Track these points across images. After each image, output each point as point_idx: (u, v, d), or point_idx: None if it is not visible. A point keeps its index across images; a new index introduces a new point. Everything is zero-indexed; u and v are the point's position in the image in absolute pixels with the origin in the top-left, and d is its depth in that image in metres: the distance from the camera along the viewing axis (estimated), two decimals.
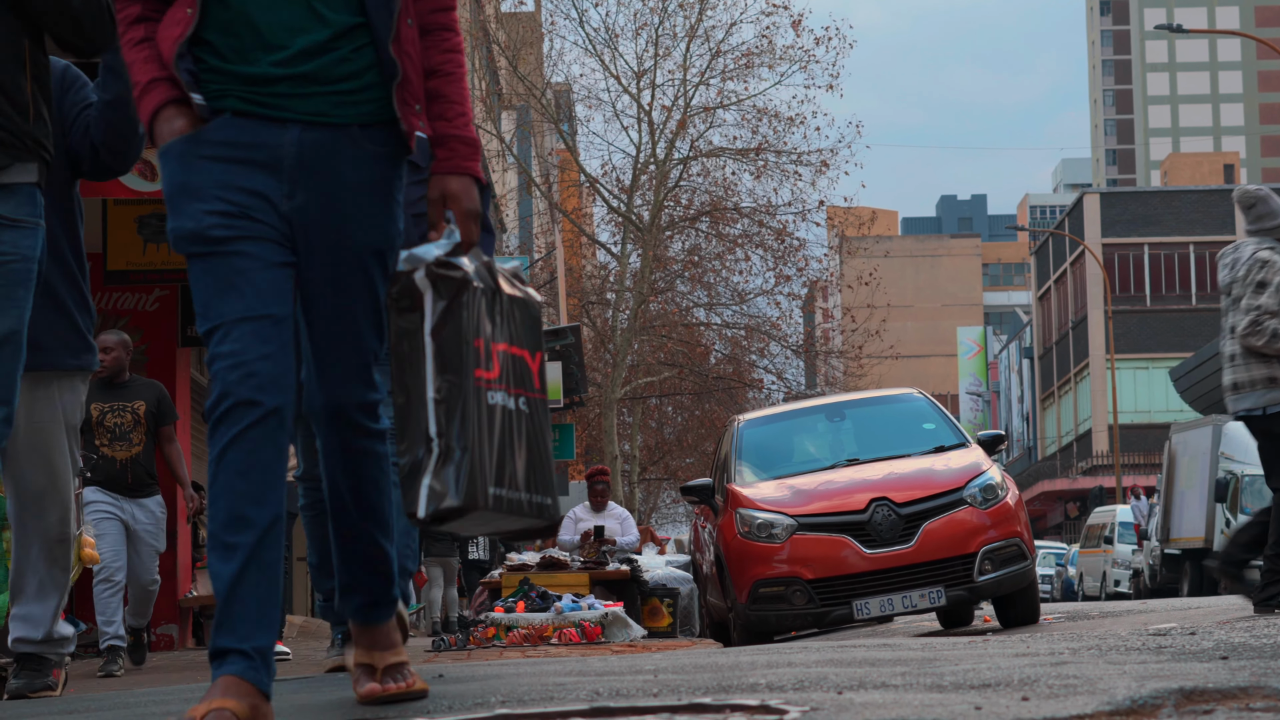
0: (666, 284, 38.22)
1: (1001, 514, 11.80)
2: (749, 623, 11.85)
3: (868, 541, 11.60)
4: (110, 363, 11.10)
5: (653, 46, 36.28)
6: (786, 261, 36.86)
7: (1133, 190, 75.31)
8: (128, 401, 11.22)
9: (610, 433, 36.16)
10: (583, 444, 42.53)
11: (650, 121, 36.38)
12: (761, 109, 36.33)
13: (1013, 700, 3.71)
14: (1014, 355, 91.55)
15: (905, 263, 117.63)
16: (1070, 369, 72.82)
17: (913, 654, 5.66)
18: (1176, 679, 3.97)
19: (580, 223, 41.67)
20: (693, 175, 37.08)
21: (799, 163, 36.09)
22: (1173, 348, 65.17)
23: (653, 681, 4.64)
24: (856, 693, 4.00)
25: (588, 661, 6.72)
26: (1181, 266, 68.05)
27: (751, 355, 39.80)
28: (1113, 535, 41.85)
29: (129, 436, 11.18)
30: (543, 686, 4.64)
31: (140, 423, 11.19)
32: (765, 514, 11.87)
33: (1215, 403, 43.47)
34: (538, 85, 37.60)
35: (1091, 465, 67.76)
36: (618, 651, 10.29)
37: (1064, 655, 5.25)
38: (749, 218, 36.76)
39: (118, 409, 11.21)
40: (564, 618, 13.53)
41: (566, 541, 16.66)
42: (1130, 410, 64.88)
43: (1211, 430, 31.91)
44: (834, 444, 13.36)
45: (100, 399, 11.20)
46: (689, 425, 45.23)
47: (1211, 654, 5.04)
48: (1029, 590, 12.03)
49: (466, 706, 4.17)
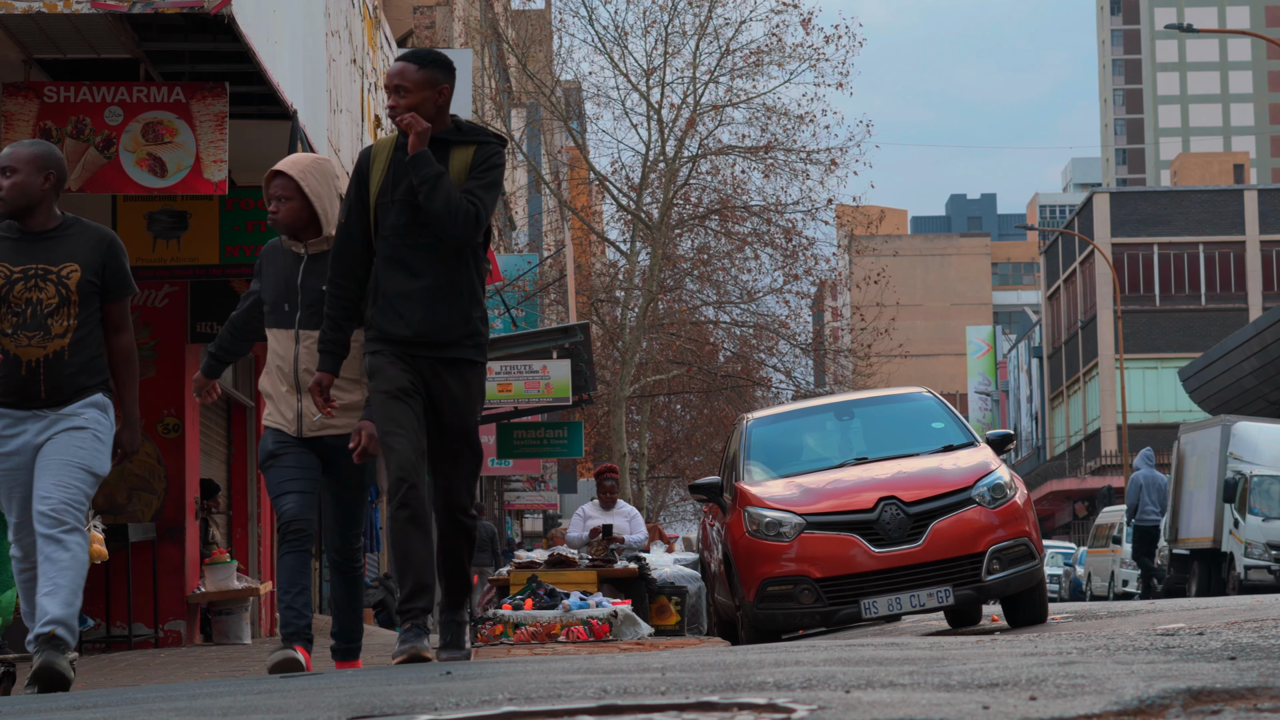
0: (675, 282, 38.21)
1: (1010, 513, 11.78)
2: (757, 621, 11.84)
3: (876, 540, 11.59)
4: (10, 192, 7.53)
5: (662, 44, 36.28)
6: (796, 259, 36.85)
7: (1142, 190, 75.21)
8: (52, 266, 7.55)
9: (619, 430, 36.15)
10: (591, 442, 42.52)
11: (660, 119, 36.38)
12: (771, 107, 36.32)
13: (1020, 699, 3.71)
14: (1023, 355, 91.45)
15: (914, 262, 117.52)
16: (1079, 369, 72.74)
17: (920, 653, 5.66)
18: (1184, 679, 3.97)
19: (589, 220, 41.67)
20: (702, 173, 37.08)
21: (808, 161, 36.08)
22: (1182, 348, 65.07)
23: (660, 680, 4.64)
24: (864, 691, 4.00)
25: (595, 659, 6.73)
26: (1191, 266, 67.95)
27: (760, 354, 39.79)
28: (1121, 535, 41.79)
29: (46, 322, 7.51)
30: (550, 684, 4.64)
31: (70, 299, 7.53)
32: (773, 512, 11.86)
33: (1224, 403, 43.42)
34: (547, 83, 37.60)
35: (1100, 465, 67.67)
36: (625, 649, 10.30)
37: (1072, 655, 5.25)
38: (758, 216, 36.75)
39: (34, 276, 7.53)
40: (572, 615, 13.53)
41: (575, 538, 16.67)
42: (1139, 410, 64.78)
43: (1220, 430, 31.85)
44: (842, 443, 13.34)
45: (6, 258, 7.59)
46: (697, 423, 45.23)
47: (1219, 654, 5.03)
48: (1037, 590, 12.01)
49: (474, 704, 4.18)
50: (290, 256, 8.35)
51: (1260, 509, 30.06)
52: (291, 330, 8.26)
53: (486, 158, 7.64)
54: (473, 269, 7.68)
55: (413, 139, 7.54)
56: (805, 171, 36.14)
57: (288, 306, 8.28)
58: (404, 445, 7.47)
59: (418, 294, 7.58)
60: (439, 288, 7.59)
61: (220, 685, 6.30)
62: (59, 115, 11.35)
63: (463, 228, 7.48)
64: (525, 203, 50.68)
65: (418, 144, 7.53)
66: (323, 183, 8.29)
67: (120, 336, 7.67)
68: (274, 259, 8.43)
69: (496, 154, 7.68)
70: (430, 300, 7.57)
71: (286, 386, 8.31)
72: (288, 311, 8.28)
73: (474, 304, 7.68)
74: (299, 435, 8.27)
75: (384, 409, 7.54)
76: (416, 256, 7.58)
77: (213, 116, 11.23)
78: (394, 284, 7.59)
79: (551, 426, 34.81)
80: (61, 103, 11.36)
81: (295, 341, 8.24)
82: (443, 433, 7.69)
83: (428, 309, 7.57)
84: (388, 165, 7.67)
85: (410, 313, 7.56)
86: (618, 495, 17.49)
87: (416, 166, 7.51)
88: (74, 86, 11.44)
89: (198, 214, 13.77)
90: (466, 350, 7.67)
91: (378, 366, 7.61)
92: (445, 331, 7.61)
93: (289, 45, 11.92)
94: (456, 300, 7.62)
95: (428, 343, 7.60)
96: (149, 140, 11.35)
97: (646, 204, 36.56)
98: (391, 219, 7.60)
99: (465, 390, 7.68)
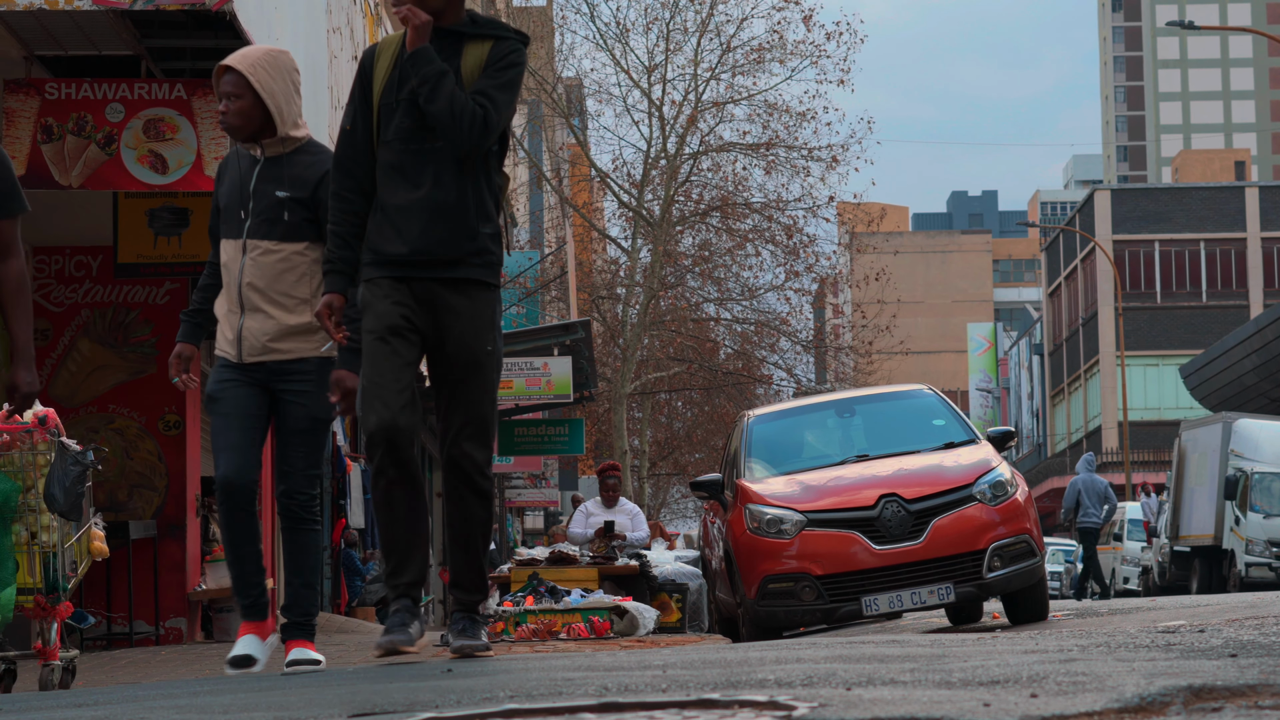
0: (677, 279, 38.22)
1: (1011, 511, 11.78)
2: (758, 618, 11.85)
3: (877, 538, 11.59)
4: None
5: (664, 41, 36.28)
6: (797, 256, 36.85)
7: (1144, 187, 75.21)
8: None
9: (620, 428, 36.16)
10: (592, 439, 42.54)
11: (661, 116, 36.38)
12: (772, 104, 36.33)
13: (1021, 697, 3.71)
14: (1024, 351, 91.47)
15: (916, 258, 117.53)
16: (1080, 365, 72.76)
17: (921, 650, 5.66)
18: (1185, 676, 3.97)
19: (591, 217, 41.69)
20: (703, 170, 37.10)
21: (809, 158, 36.08)
22: (1183, 344, 65.10)
23: (661, 677, 4.64)
24: (865, 689, 4.00)
25: (596, 656, 6.73)
26: (1192, 263, 67.97)
27: (761, 351, 39.79)
28: (1122, 532, 41.81)
29: None
30: (551, 681, 4.64)
31: None
32: (774, 509, 11.86)
33: (1225, 400, 43.45)
34: (549, 79, 37.61)
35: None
36: (626, 646, 10.30)
37: (1073, 652, 5.25)
38: (759, 213, 36.75)
39: None
40: (572, 612, 13.53)
41: (577, 535, 16.67)
42: (1140, 407, 64.81)
43: (1221, 427, 31.87)
44: (844, 440, 13.33)
45: None
46: (699, 420, 45.23)
47: (1220, 651, 5.03)
48: (1038, 587, 12.01)
49: (475, 701, 4.18)
50: (246, 161, 7.65)
51: (1261, 506, 30.08)
52: (239, 240, 7.54)
53: (503, 55, 6.86)
54: (483, 180, 6.88)
55: (411, 33, 6.81)
56: (806, 168, 36.18)
57: (242, 214, 7.57)
58: (385, 403, 6.64)
59: (418, 206, 6.78)
60: (442, 200, 6.78)
61: (221, 683, 6.30)
62: (60, 112, 11.35)
63: (469, 133, 6.70)
64: (526, 199, 50.68)
65: (417, 39, 6.78)
66: (276, 78, 7.56)
67: (8, 263, 6.81)
68: (231, 165, 7.76)
69: (515, 51, 6.91)
70: (431, 213, 6.79)
71: (230, 304, 7.59)
72: (240, 219, 7.57)
73: (483, 219, 6.85)
74: (239, 360, 7.52)
75: (368, 358, 6.75)
76: (418, 165, 6.81)
77: (214, 113, 11.22)
78: (393, 196, 6.83)
79: (553, 424, 34.83)
80: (63, 99, 11.37)
81: (242, 252, 7.51)
82: (448, 366, 6.86)
83: (428, 223, 6.78)
84: (393, 63, 6.91)
85: (408, 227, 6.78)
86: (620, 493, 17.50)
87: (416, 64, 6.76)
88: (75, 83, 11.44)
89: (199, 211, 13.76)
90: (474, 269, 6.83)
91: (367, 301, 6.82)
92: (448, 248, 6.78)
93: (290, 42, 11.92)
94: (462, 213, 6.80)
95: (427, 261, 6.79)
96: (150, 137, 11.36)
97: (648, 201, 36.57)
98: (395, 122, 6.85)
99: (473, 313, 6.83)
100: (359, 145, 6.92)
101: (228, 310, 7.56)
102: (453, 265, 6.79)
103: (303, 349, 7.48)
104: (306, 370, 7.48)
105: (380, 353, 6.69)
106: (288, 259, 7.49)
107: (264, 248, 7.44)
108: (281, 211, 7.48)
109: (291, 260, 7.50)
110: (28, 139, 11.37)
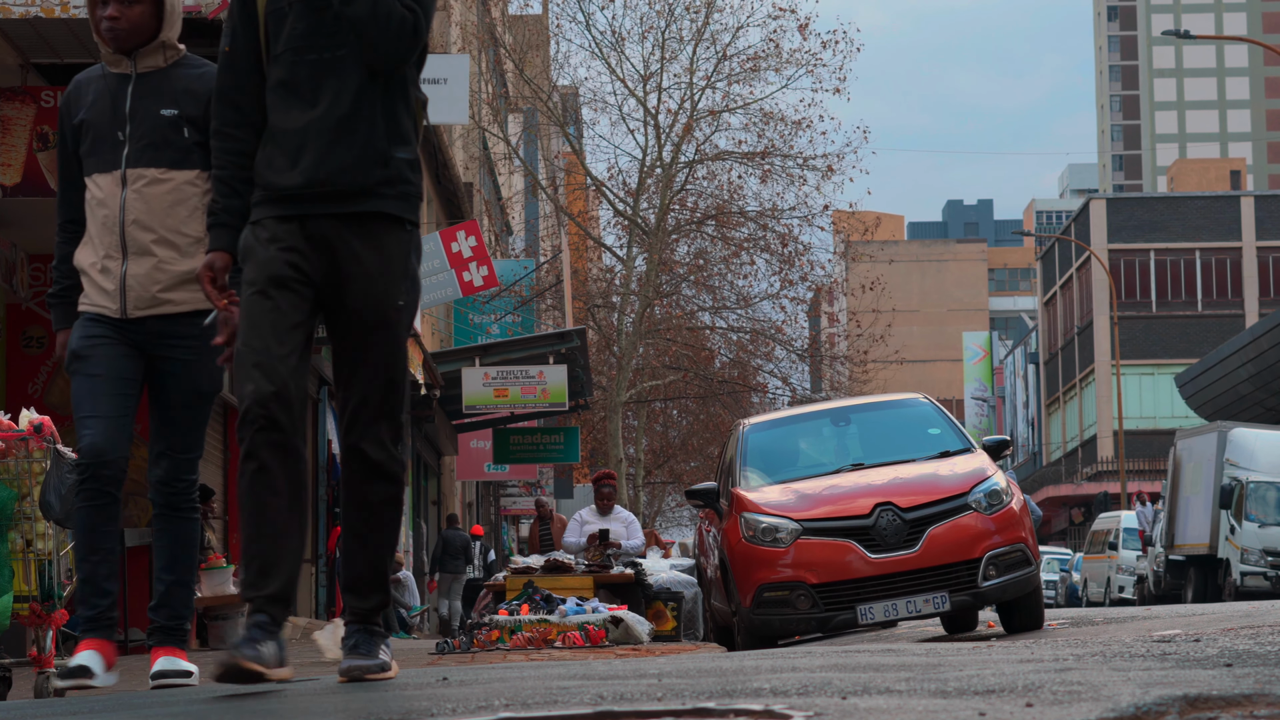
0: (672, 287, 38.21)
1: (1006, 519, 11.79)
2: (753, 627, 11.85)
3: (872, 546, 11.59)
4: None
5: (659, 50, 36.28)
6: (792, 265, 36.86)
7: (1139, 196, 75.27)
8: None
9: (615, 436, 36.16)
10: (587, 447, 42.53)
11: (656, 125, 36.38)
12: (768, 112, 36.33)
13: (1017, 706, 3.70)
14: (1019, 360, 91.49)
15: (911, 267, 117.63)
16: (1075, 374, 72.79)
17: (917, 659, 5.65)
18: (1181, 686, 3.97)
19: (586, 226, 41.69)
20: (698, 179, 37.10)
21: (805, 167, 36.09)
22: (1178, 354, 65.16)
23: (656, 685, 4.63)
24: (860, 698, 4.00)
25: (591, 665, 6.72)
26: (1188, 272, 68.03)
27: (757, 359, 39.80)
28: (1117, 541, 41.84)
29: None
30: (546, 690, 4.64)
31: None
32: (770, 518, 11.86)
33: (1221, 409, 43.49)
34: (544, 88, 37.62)
35: (1096, 471, 67.71)
36: (621, 655, 10.29)
37: (1068, 661, 5.25)
38: (755, 222, 36.76)
39: None
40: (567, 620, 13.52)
41: (572, 544, 16.67)
42: (1135, 416, 64.83)
43: (1216, 436, 31.89)
44: (839, 448, 13.35)
45: None
46: (694, 429, 45.22)
47: (1216, 661, 5.03)
48: (1033, 596, 12.02)
49: (470, 709, 4.17)
50: (114, 78, 6.57)
51: (1256, 515, 30.09)
52: (117, 172, 6.49)
53: None
54: (398, 96, 5.58)
55: None
56: (802, 177, 36.16)
57: (120, 136, 6.50)
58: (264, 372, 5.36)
59: (315, 127, 5.47)
60: (346, 118, 5.48)
61: (216, 690, 6.29)
62: (56, 120, 11.36)
63: (396, 41, 5.45)
64: (522, 208, 50.68)
65: None
66: None
67: None
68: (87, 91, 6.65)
69: None
70: (332, 135, 5.47)
71: (107, 249, 6.49)
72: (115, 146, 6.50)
73: (397, 141, 5.55)
74: (123, 315, 6.47)
75: (246, 316, 5.45)
76: (316, 78, 5.48)
77: None
78: (284, 118, 5.51)
79: (548, 432, 34.85)
80: (58, 107, 11.37)
81: (122, 184, 6.47)
82: (349, 325, 5.55)
83: (328, 146, 5.46)
84: None
85: (303, 153, 5.47)
86: (615, 501, 17.49)
87: None
88: None
89: None
90: (384, 201, 5.51)
91: (248, 246, 5.52)
92: (350, 176, 5.46)
93: None
94: (369, 133, 5.49)
95: (324, 194, 5.47)
96: None
97: (643, 209, 36.57)
98: (287, 29, 5.50)
99: (381, 258, 5.51)
100: (241, 69, 5.61)
101: (103, 257, 6.49)
102: (358, 197, 5.49)
103: (198, 299, 6.44)
104: (193, 335, 6.46)
105: (260, 309, 5.42)
106: (178, 189, 6.47)
107: (150, 176, 6.45)
108: (169, 132, 6.47)
109: (183, 191, 6.49)
110: (23, 146, 11.38)
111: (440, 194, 31.99)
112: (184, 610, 6.49)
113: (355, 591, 5.61)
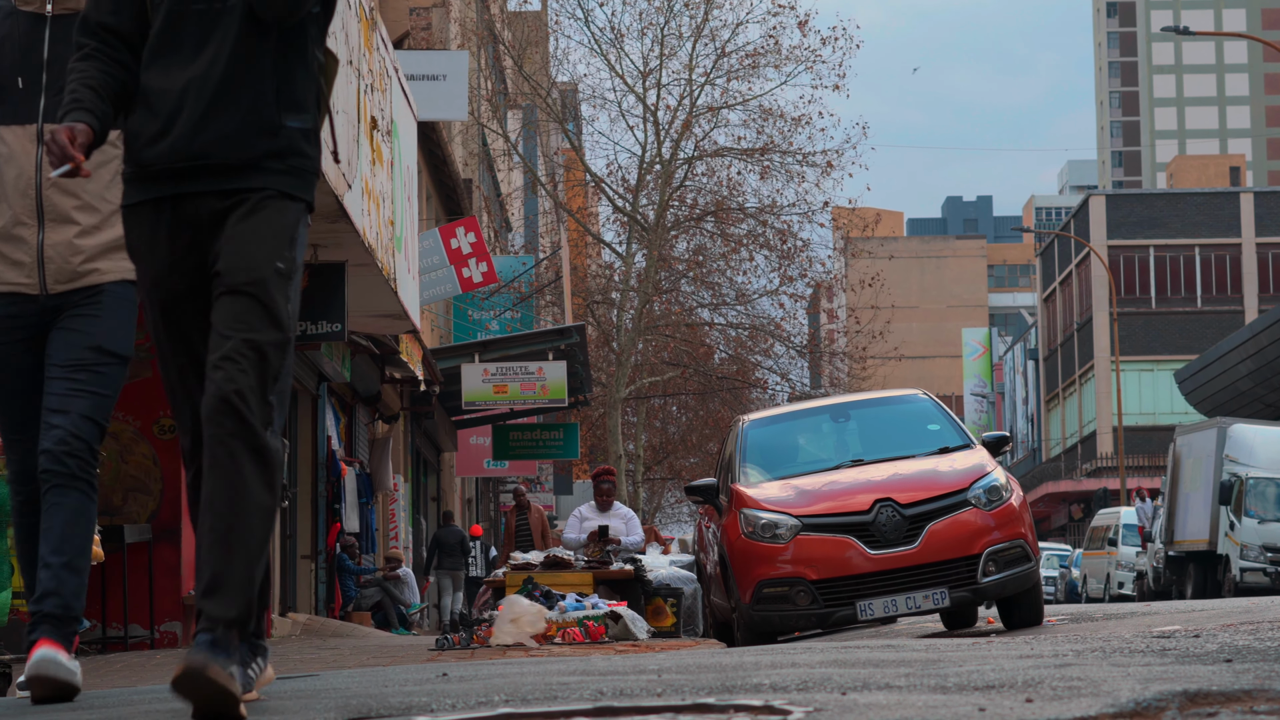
0: (671, 284, 38.22)
1: (1006, 515, 11.79)
2: (753, 623, 11.84)
3: (872, 542, 11.59)
4: None
5: (658, 46, 36.28)
6: (791, 261, 36.87)
7: (1138, 192, 75.28)
8: None
9: (615, 432, 36.17)
10: (587, 444, 42.55)
11: (656, 121, 36.38)
12: (767, 109, 36.33)
13: (1017, 702, 3.71)
14: (1019, 357, 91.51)
15: (910, 264, 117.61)
16: (1075, 371, 72.80)
17: (916, 655, 5.66)
18: (1180, 681, 3.97)
19: (585, 222, 41.69)
20: (698, 175, 37.10)
21: (804, 163, 36.09)
22: (1178, 350, 65.15)
23: (656, 681, 4.64)
24: (860, 694, 4.00)
25: (591, 661, 6.73)
26: (1187, 269, 68.04)
27: (756, 356, 39.81)
28: (1117, 537, 41.86)
29: None
30: (546, 685, 4.64)
31: None
32: (769, 514, 11.86)
33: (1220, 405, 43.48)
34: (543, 84, 37.61)
35: (1096, 467, 67.74)
36: (621, 651, 10.29)
37: (1068, 657, 5.25)
38: (754, 218, 36.77)
39: None
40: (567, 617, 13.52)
41: (572, 540, 16.67)
42: (1135, 412, 64.85)
43: (1216, 433, 31.90)
44: (838, 445, 13.35)
45: None
46: (693, 425, 45.25)
47: (1215, 657, 5.04)
48: (1033, 592, 12.01)
49: (470, 705, 4.18)
50: (27, 21, 5.79)
51: (1256, 511, 30.11)
52: (31, 126, 5.73)
53: None
54: (294, 55, 4.77)
55: None
56: (801, 173, 36.17)
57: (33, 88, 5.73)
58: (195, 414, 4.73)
59: (192, 87, 4.64)
60: (228, 78, 4.64)
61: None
62: None
63: None
64: (521, 204, 50.67)
65: None
66: None
67: None
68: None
69: None
70: (212, 97, 4.65)
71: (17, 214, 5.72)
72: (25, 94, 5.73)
73: (290, 107, 4.73)
74: (42, 291, 5.73)
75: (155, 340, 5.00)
76: (196, 31, 4.68)
77: None
78: (158, 76, 4.70)
79: (547, 428, 34.86)
80: None
81: (36, 140, 5.71)
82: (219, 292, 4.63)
83: (204, 112, 4.64)
84: None
85: (175, 118, 4.66)
86: (615, 497, 17.49)
87: None
88: None
89: None
90: (271, 177, 4.68)
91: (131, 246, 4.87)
92: (233, 146, 4.64)
93: None
94: (256, 98, 4.66)
95: (201, 167, 4.65)
96: None
97: (642, 206, 36.57)
98: None
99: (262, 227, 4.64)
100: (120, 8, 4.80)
101: (15, 224, 5.73)
102: (241, 172, 4.66)
103: (122, 269, 5.74)
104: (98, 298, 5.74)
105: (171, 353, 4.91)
106: (103, 150, 5.63)
107: None
108: None
109: (107, 153, 5.69)
110: None
111: (439, 190, 32.00)
112: (75, 600, 5.57)
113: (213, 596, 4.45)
